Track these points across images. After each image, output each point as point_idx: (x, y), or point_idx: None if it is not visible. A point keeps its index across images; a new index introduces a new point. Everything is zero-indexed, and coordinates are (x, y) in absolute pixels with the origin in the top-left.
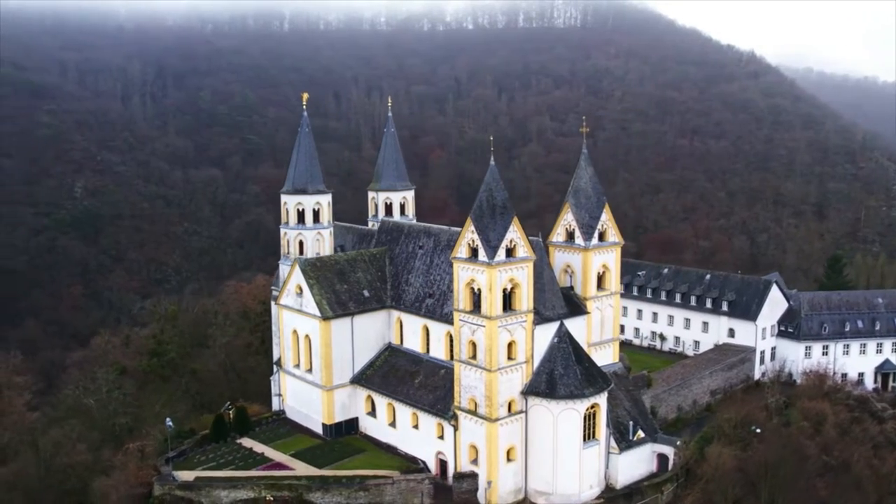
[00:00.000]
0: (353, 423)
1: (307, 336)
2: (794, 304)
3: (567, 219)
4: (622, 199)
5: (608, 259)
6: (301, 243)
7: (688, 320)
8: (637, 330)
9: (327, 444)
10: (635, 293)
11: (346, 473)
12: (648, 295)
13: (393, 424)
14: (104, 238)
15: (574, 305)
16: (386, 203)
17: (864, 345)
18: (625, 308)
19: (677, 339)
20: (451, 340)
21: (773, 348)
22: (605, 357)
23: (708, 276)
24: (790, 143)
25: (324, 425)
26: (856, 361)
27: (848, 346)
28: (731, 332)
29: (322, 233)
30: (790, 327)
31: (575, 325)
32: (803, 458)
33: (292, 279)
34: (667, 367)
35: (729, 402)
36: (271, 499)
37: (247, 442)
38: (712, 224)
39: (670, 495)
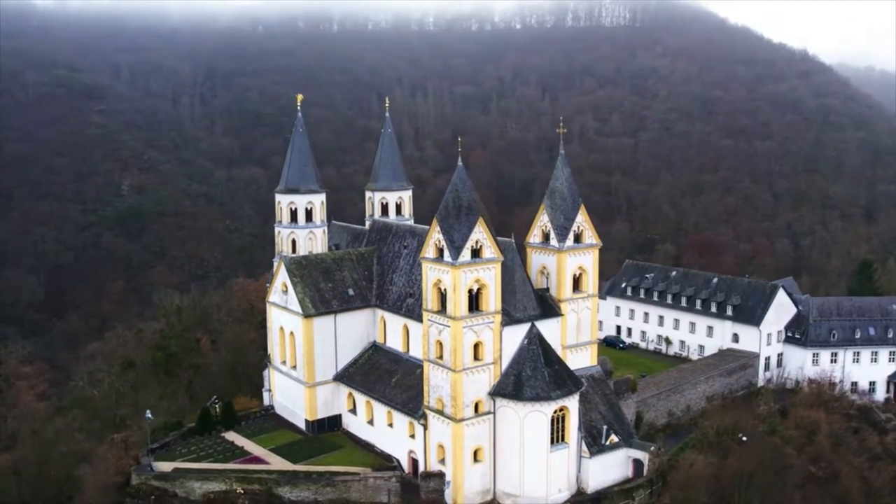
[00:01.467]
0: (336, 420)
1: (292, 333)
2: (802, 310)
3: (543, 220)
4: (663, 200)
5: (584, 261)
6: (294, 242)
7: (693, 324)
8: (644, 333)
9: (307, 439)
10: (642, 296)
11: (317, 469)
12: (655, 298)
13: (371, 422)
14: (147, 235)
15: (548, 307)
16: (382, 203)
17: (876, 353)
18: (631, 311)
19: (682, 343)
20: None
21: (780, 354)
22: (582, 360)
23: (715, 280)
24: (840, 143)
25: (307, 421)
26: (867, 370)
27: (858, 353)
28: (735, 337)
29: (314, 232)
30: (797, 333)
31: (548, 327)
32: (784, 467)
33: (278, 277)
34: (661, 371)
35: (724, 408)
36: (241, 492)
37: (231, 436)
38: (755, 227)
39: (643, 501)
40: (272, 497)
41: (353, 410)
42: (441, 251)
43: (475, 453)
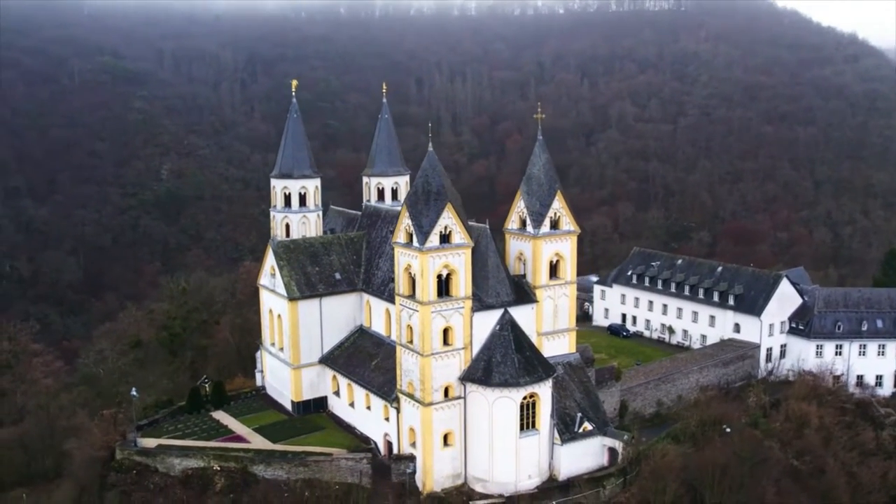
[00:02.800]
0: (322, 402)
1: (279, 315)
2: (808, 301)
3: (520, 206)
4: (700, 187)
5: (562, 248)
6: (287, 226)
7: (695, 313)
8: (648, 322)
9: (291, 420)
10: (647, 284)
11: (293, 449)
12: (659, 286)
13: (352, 405)
14: (184, 218)
15: (523, 293)
16: (378, 188)
17: (883, 346)
18: (636, 299)
19: (685, 332)
20: None
21: (784, 346)
22: (559, 347)
23: (719, 269)
24: (886, 130)
25: (292, 402)
26: (873, 363)
27: (865, 346)
28: (737, 327)
29: (308, 216)
30: (801, 324)
31: (523, 314)
32: (762, 461)
33: (267, 260)
34: (653, 360)
35: (716, 399)
36: (218, 469)
37: (219, 415)
38: (794, 215)
39: (616, 490)
40: (247, 475)
41: (338, 393)
42: (411, 236)
43: (445, 437)
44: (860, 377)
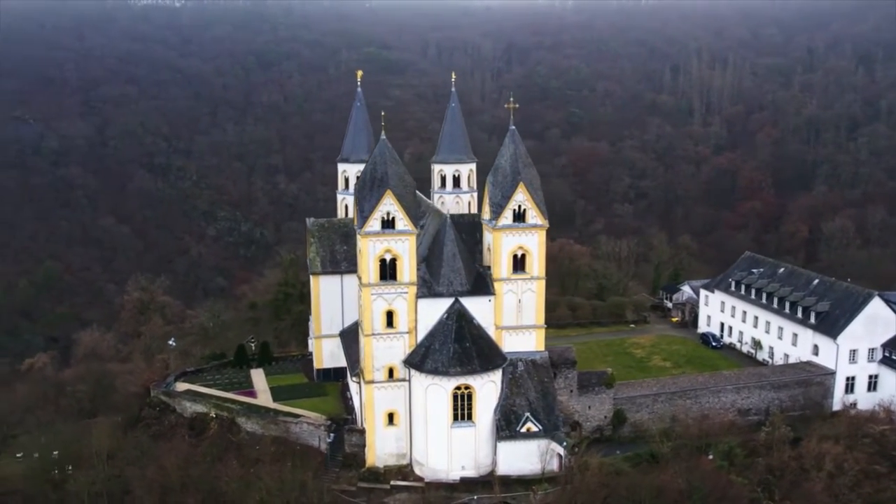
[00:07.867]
0: (342, 371)
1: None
2: None
3: (487, 197)
4: None
5: (527, 241)
6: (346, 207)
7: (781, 329)
8: (741, 334)
9: (308, 384)
10: (743, 292)
11: (281, 408)
12: (753, 296)
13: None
14: None
15: (482, 285)
16: (441, 175)
17: None
18: (733, 308)
19: (771, 349)
20: None
21: (874, 377)
22: (522, 343)
23: (816, 281)
24: None
25: (316, 369)
26: None
27: None
28: (815, 350)
29: None
30: (894, 354)
31: (479, 306)
32: (712, 493)
33: (308, 237)
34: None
35: (746, 426)
36: (214, 416)
37: (256, 372)
38: None
39: (546, 495)
40: (233, 424)
41: None
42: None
43: (391, 417)
44: None
